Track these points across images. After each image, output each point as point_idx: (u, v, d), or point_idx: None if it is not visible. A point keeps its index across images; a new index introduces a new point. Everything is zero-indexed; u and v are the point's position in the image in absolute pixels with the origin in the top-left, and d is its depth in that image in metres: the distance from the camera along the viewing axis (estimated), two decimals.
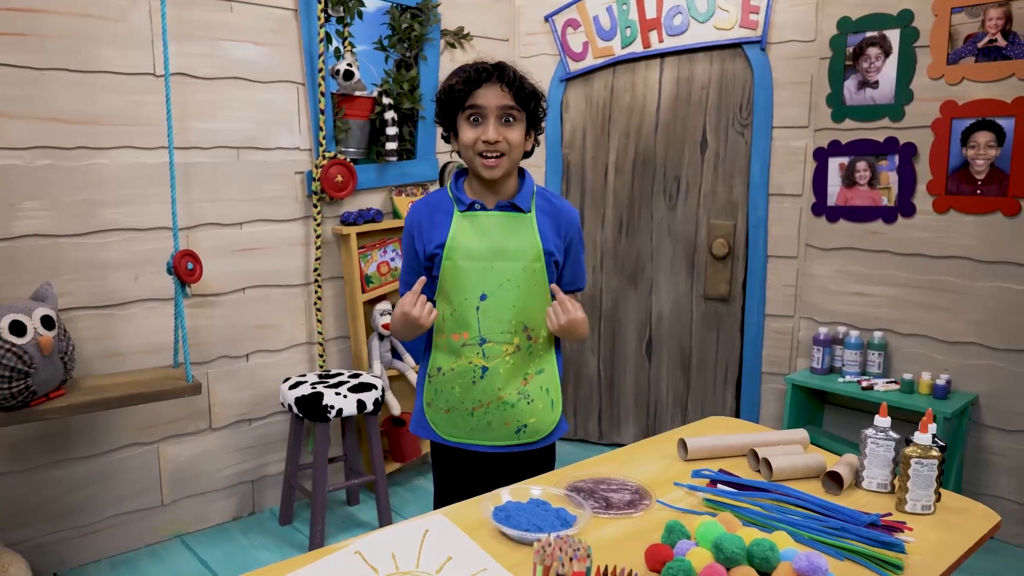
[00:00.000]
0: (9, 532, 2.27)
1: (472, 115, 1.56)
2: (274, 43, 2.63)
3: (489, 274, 1.59)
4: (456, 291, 1.60)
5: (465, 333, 1.60)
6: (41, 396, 2.01)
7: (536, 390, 1.65)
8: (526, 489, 1.32)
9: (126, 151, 2.37)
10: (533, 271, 1.61)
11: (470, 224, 1.60)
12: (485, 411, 1.63)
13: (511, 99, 1.55)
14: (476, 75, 1.54)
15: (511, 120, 1.56)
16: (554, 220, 1.65)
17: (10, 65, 2.15)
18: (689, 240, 3.24)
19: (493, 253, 1.59)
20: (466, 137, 1.56)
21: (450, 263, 1.59)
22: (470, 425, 1.65)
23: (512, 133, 1.56)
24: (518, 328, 1.61)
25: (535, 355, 1.65)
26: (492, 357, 1.61)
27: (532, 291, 1.61)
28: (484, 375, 1.61)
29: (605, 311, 3.41)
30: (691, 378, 3.32)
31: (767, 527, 1.26)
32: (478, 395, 1.62)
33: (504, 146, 1.55)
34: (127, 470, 2.50)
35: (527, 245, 1.60)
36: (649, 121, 3.22)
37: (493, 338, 1.60)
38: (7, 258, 2.20)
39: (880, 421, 1.42)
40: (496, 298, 1.59)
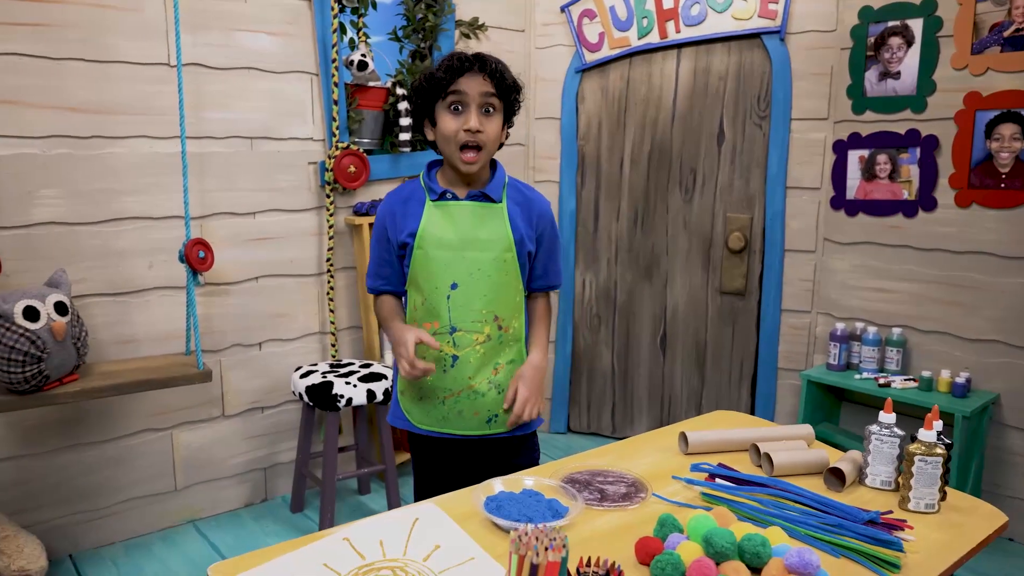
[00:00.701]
0: (25, 514, 2.32)
1: (453, 103, 1.55)
2: (288, 33, 2.64)
3: (460, 263, 1.59)
4: (427, 280, 1.60)
5: (436, 322, 1.60)
6: (54, 380, 2.05)
7: (506, 380, 1.65)
8: (519, 480, 1.31)
9: (141, 140, 2.39)
10: (504, 261, 1.61)
11: (441, 213, 1.60)
12: (456, 400, 1.63)
13: (492, 88, 1.55)
14: (459, 63, 1.54)
15: (491, 110, 1.56)
16: (525, 210, 1.65)
17: (28, 55, 2.18)
18: (705, 233, 3.20)
19: (464, 242, 1.59)
20: (447, 127, 1.55)
21: (421, 252, 1.60)
22: (441, 413, 1.65)
23: (491, 125, 1.57)
24: (488, 318, 1.62)
25: (506, 345, 1.65)
26: (462, 346, 1.61)
27: (503, 281, 1.62)
28: (455, 364, 1.61)
29: (620, 304, 3.39)
30: (706, 373, 3.29)
31: (763, 522, 1.24)
32: (448, 383, 1.63)
33: (484, 137, 1.55)
34: (141, 455, 2.54)
35: (498, 235, 1.61)
36: (665, 113, 3.19)
37: (464, 327, 1.60)
38: (24, 245, 2.24)
39: (885, 417, 1.39)
40: (467, 287, 1.60)
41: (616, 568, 0.93)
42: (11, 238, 2.22)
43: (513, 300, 1.65)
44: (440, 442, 1.69)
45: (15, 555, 2.11)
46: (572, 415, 3.55)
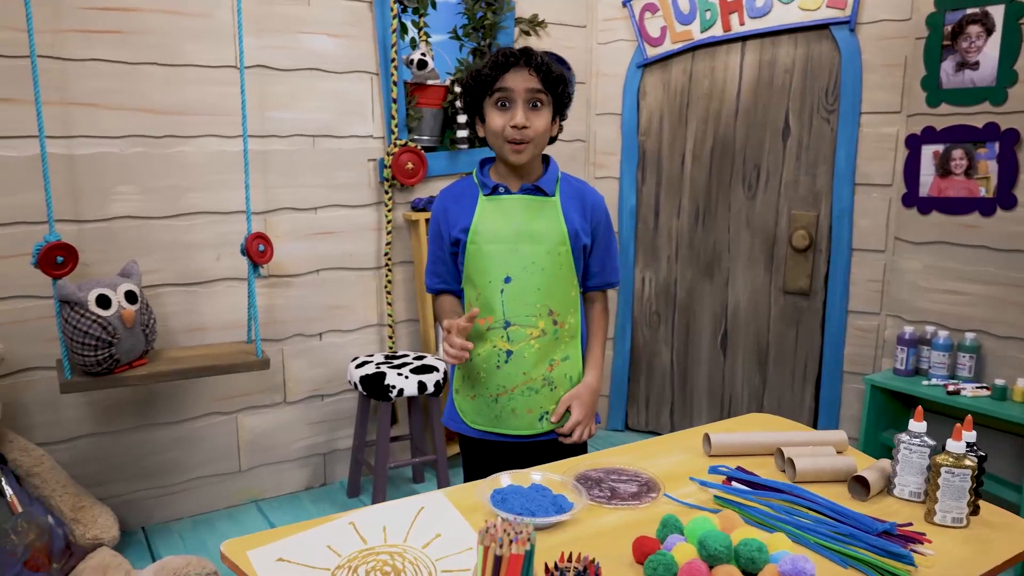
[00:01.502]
0: (102, 487, 2.50)
1: (500, 99, 1.56)
2: (349, 35, 2.73)
3: (513, 256, 1.59)
4: (480, 274, 1.61)
5: (490, 317, 1.61)
6: (124, 364, 2.20)
7: (560, 376, 1.64)
8: (527, 474, 1.33)
9: (210, 139, 2.53)
10: (558, 254, 1.61)
11: (494, 207, 1.61)
12: (509, 397, 1.63)
13: (538, 83, 1.55)
14: (504, 59, 1.55)
15: (538, 105, 1.56)
16: (579, 203, 1.64)
17: (108, 60, 2.34)
18: (768, 231, 3.11)
19: (517, 236, 1.59)
20: (494, 123, 1.57)
21: (474, 247, 1.61)
22: (494, 412, 1.65)
23: (539, 118, 1.57)
24: (543, 312, 1.61)
25: (561, 341, 1.64)
26: (517, 341, 1.61)
27: (557, 275, 1.61)
28: (509, 359, 1.61)
29: (679, 302, 3.34)
30: (768, 374, 3.20)
31: (771, 527, 1.22)
32: (502, 380, 1.62)
33: (531, 132, 1.55)
34: (208, 437, 2.69)
35: (552, 228, 1.61)
36: (729, 107, 3.12)
37: (518, 321, 1.60)
38: (103, 237, 2.41)
39: (915, 426, 1.34)
40: (520, 281, 1.59)
41: (595, 565, 0.94)
42: (92, 231, 2.39)
43: (568, 295, 1.65)
44: (491, 447, 1.68)
45: (90, 524, 2.28)
46: (630, 413, 3.53)
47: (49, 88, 2.25)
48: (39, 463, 2.26)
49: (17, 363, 2.31)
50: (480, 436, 1.68)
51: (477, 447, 1.71)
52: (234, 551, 1.12)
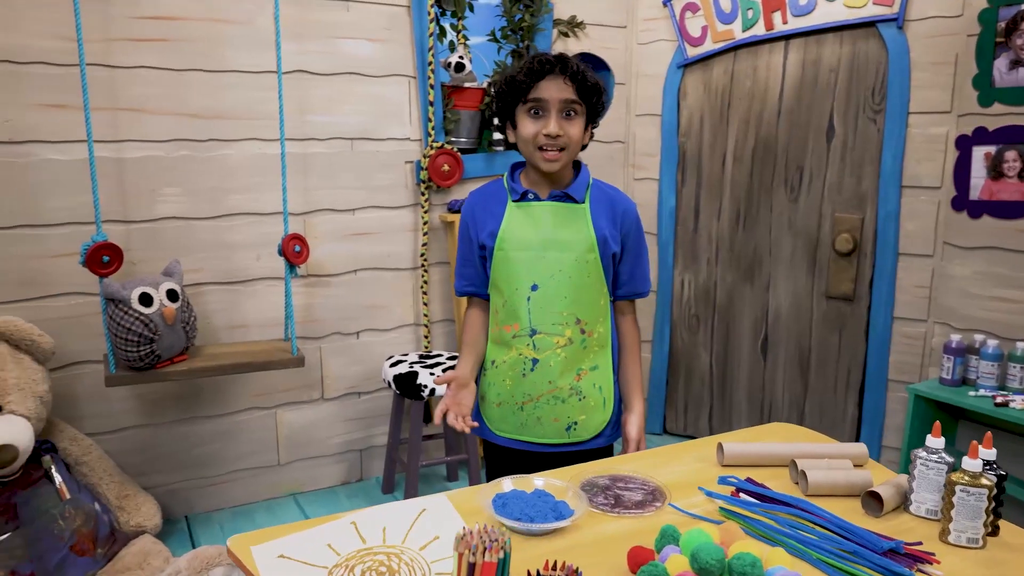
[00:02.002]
0: (146, 477, 2.60)
1: (533, 108, 1.54)
2: (387, 39, 2.77)
3: (541, 264, 1.58)
4: (507, 281, 1.60)
5: (516, 324, 1.60)
6: (165, 360, 2.29)
7: (589, 387, 1.63)
8: (530, 479, 1.34)
9: (251, 143, 2.61)
10: (586, 262, 1.59)
11: (523, 214, 1.60)
12: (535, 405, 1.61)
13: (573, 92, 1.52)
14: (539, 67, 1.52)
15: (572, 114, 1.54)
16: (609, 209, 1.62)
17: (154, 67, 2.44)
18: (811, 234, 3.04)
19: (545, 243, 1.58)
20: (526, 130, 1.55)
21: (502, 253, 1.60)
22: (520, 420, 1.63)
23: (572, 127, 1.54)
24: (570, 320, 1.59)
25: (589, 350, 1.63)
26: (543, 349, 1.59)
27: (585, 283, 1.60)
28: (535, 367, 1.60)
29: (719, 305, 3.29)
30: (809, 380, 3.13)
31: (773, 541, 1.20)
32: (528, 388, 1.61)
33: (564, 140, 1.53)
34: (248, 431, 2.77)
35: (580, 235, 1.59)
36: (771, 108, 3.06)
37: (544, 329, 1.59)
38: (149, 237, 2.51)
39: (932, 442, 1.30)
40: (547, 288, 1.58)
41: (577, 574, 0.94)
42: (139, 231, 2.49)
43: (596, 303, 1.63)
44: (516, 455, 1.66)
45: (133, 512, 2.39)
46: (668, 416, 3.49)
47: (99, 95, 2.36)
48: (88, 452, 2.37)
49: (69, 357, 2.43)
50: (506, 443, 1.68)
51: (502, 454, 1.70)
52: (239, 546, 1.16)
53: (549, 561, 0.96)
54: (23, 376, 2.10)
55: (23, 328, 2.12)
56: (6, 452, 1.98)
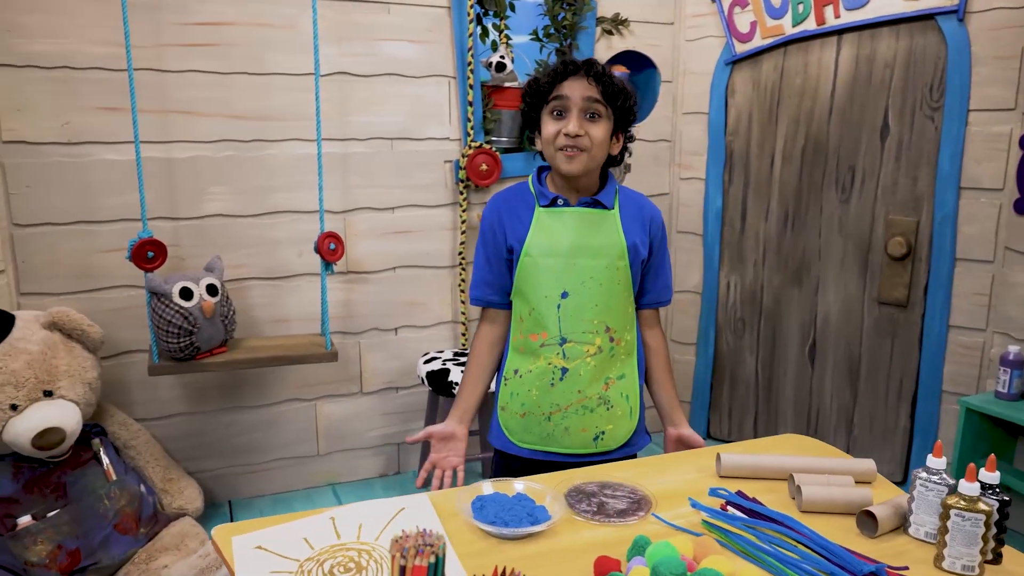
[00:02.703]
0: (192, 462, 2.73)
1: (555, 108, 1.52)
2: (428, 40, 2.81)
3: (571, 271, 1.56)
4: (535, 289, 1.57)
5: (544, 333, 1.57)
6: (205, 351, 2.39)
7: (616, 396, 1.62)
8: (511, 483, 1.34)
9: (294, 143, 2.69)
10: (617, 269, 1.58)
11: (552, 220, 1.57)
12: (563, 415, 1.59)
13: (597, 92, 1.50)
14: (563, 68, 1.51)
15: (596, 116, 1.52)
16: (638, 215, 1.61)
17: (202, 71, 2.55)
18: (863, 237, 2.92)
19: (575, 250, 1.56)
20: (547, 131, 1.52)
21: (529, 259, 1.57)
22: (546, 431, 1.60)
23: (596, 129, 1.51)
24: (600, 328, 1.58)
25: (617, 359, 1.61)
26: (573, 358, 1.57)
27: (615, 290, 1.58)
28: (564, 377, 1.57)
29: (766, 309, 3.20)
30: (859, 389, 3.01)
31: (753, 558, 1.17)
32: (556, 398, 1.59)
33: (586, 141, 1.50)
34: (289, 421, 2.87)
35: (611, 241, 1.57)
36: (822, 105, 2.94)
37: (574, 338, 1.56)
38: (197, 234, 2.63)
39: (933, 462, 1.23)
40: (578, 296, 1.56)
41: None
42: (187, 227, 2.61)
43: (625, 311, 1.62)
44: (538, 467, 1.59)
45: (176, 495, 2.51)
46: (712, 421, 3.42)
47: (150, 98, 2.48)
48: (136, 437, 2.50)
49: (120, 346, 2.57)
50: (528, 455, 1.64)
51: (524, 466, 1.63)
52: (221, 536, 1.21)
53: (499, 567, 0.97)
54: (73, 364, 2.24)
55: (74, 318, 2.25)
56: (54, 434, 2.11)
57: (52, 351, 2.21)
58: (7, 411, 2.10)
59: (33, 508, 2.15)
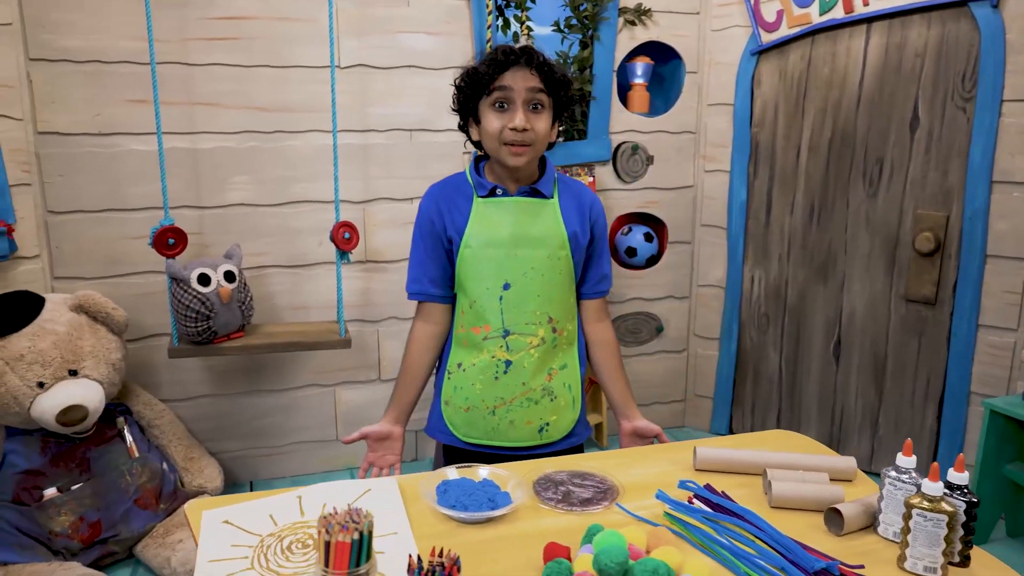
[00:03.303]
0: (215, 442, 2.83)
1: (498, 100, 1.51)
2: (446, 32, 2.83)
3: (512, 262, 1.55)
4: (477, 281, 1.57)
5: (487, 326, 1.57)
6: (222, 336, 2.47)
7: (559, 386, 1.62)
8: (476, 469, 1.36)
9: (314, 134, 2.75)
10: (558, 259, 1.58)
11: (491, 210, 1.58)
12: (508, 408, 1.59)
13: (540, 82, 1.49)
14: (504, 57, 1.49)
15: (539, 107, 1.52)
16: (577, 203, 1.61)
17: (225, 64, 2.62)
18: (890, 232, 2.83)
19: (515, 240, 1.56)
20: (491, 125, 1.51)
21: (470, 251, 1.57)
22: (491, 425, 1.60)
23: (539, 122, 1.51)
24: (543, 319, 1.58)
25: (559, 349, 1.62)
26: (516, 350, 1.57)
27: (557, 280, 1.58)
28: (508, 369, 1.57)
29: (790, 305, 3.14)
30: (885, 388, 2.93)
31: (707, 551, 1.16)
32: (500, 391, 1.58)
33: (531, 135, 1.50)
34: (308, 406, 2.94)
35: (551, 231, 1.57)
36: (850, 96, 2.86)
37: (517, 330, 1.56)
38: (220, 222, 2.71)
39: (903, 460, 1.21)
40: (520, 287, 1.55)
41: (455, 564, 0.96)
42: (211, 216, 2.70)
43: (567, 301, 1.62)
44: (485, 460, 1.56)
45: (197, 474, 2.60)
46: (735, 417, 3.38)
47: (177, 90, 2.57)
48: (160, 416, 2.61)
49: (147, 329, 2.68)
50: (473, 449, 1.63)
51: (469, 459, 1.59)
52: (193, 510, 1.26)
53: (436, 548, 0.99)
54: (98, 345, 2.34)
55: (99, 302, 2.35)
56: (77, 411, 2.21)
57: (78, 332, 2.32)
58: (34, 388, 2.21)
59: (58, 481, 2.26)
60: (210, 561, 1.11)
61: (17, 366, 2.20)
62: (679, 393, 3.46)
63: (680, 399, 3.47)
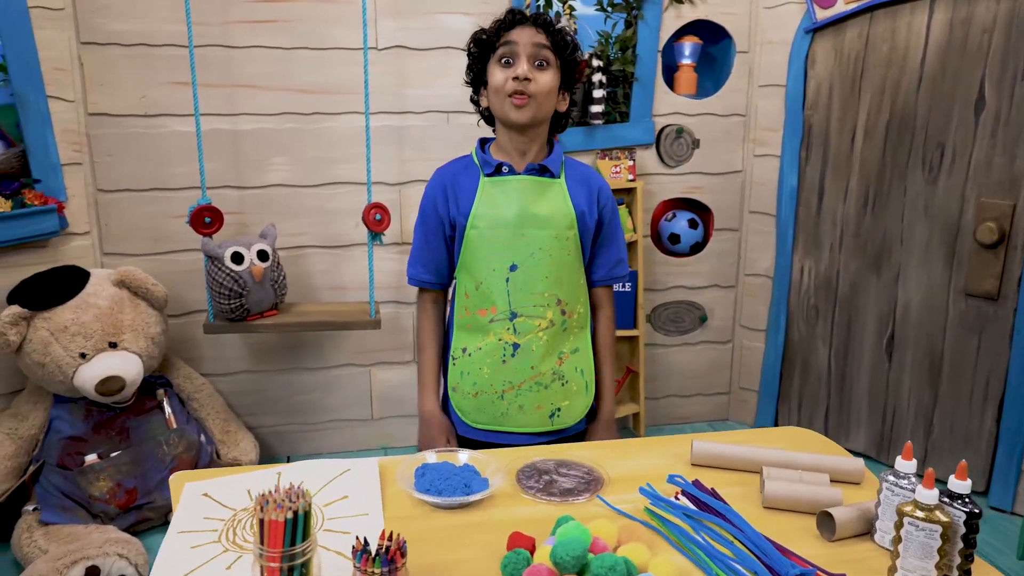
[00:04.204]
0: (254, 417, 2.90)
1: (503, 56, 1.50)
2: (484, 12, 2.77)
3: (519, 242, 1.52)
4: (482, 262, 1.54)
5: (493, 308, 1.54)
6: (255, 313, 2.53)
7: (571, 370, 1.58)
8: (457, 453, 1.34)
9: (351, 116, 2.77)
10: (566, 239, 1.54)
11: (497, 189, 1.55)
12: (516, 393, 1.56)
13: (545, 39, 1.48)
14: (511, 16, 1.51)
15: (544, 64, 1.49)
16: (585, 185, 1.57)
17: (266, 47, 2.66)
18: (950, 221, 2.65)
19: (523, 220, 1.53)
20: (496, 79, 1.50)
21: (476, 232, 1.54)
22: (500, 410, 1.57)
23: (544, 75, 1.49)
24: (551, 301, 1.54)
25: (570, 332, 1.58)
26: (524, 333, 1.54)
27: (565, 261, 1.55)
28: (516, 353, 1.54)
29: (841, 297, 2.98)
30: (940, 388, 2.76)
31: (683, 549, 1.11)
32: (509, 375, 1.55)
33: (534, 87, 1.48)
34: (345, 385, 2.99)
35: (559, 211, 1.54)
36: (911, 76, 2.69)
37: (525, 312, 1.53)
38: (260, 202, 2.77)
39: (902, 465, 1.12)
40: (527, 268, 1.52)
41: (401, 548, 0.94)
42: (251, 196, 2.76)
43: (577, 282, 1.58)
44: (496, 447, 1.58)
45: (232, 447, 2.68)
46: (781, 411, 3.25)
47: (219, 73, 2.63)
48: (200, 390, 2.70)
49: (190, 305, 2.77)
50: (483, 437, 1.61)
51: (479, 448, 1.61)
52: (177, 482, 1.29)
53: (386, 532, 0.97)
54: (138, 319, 2.43)
55: (139, 278, 2.44)
56: (114, 382, 2.30)
57: (119, 306, 2.41)
58: (77, 359, 2.31)
59: (99, 448, 2.37)
60: (180, 532, 1.13)
61: (61, 337, 2.30)
62: (723, 385, 3.35)
63: (724, 391, 3.36)
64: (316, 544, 0.93)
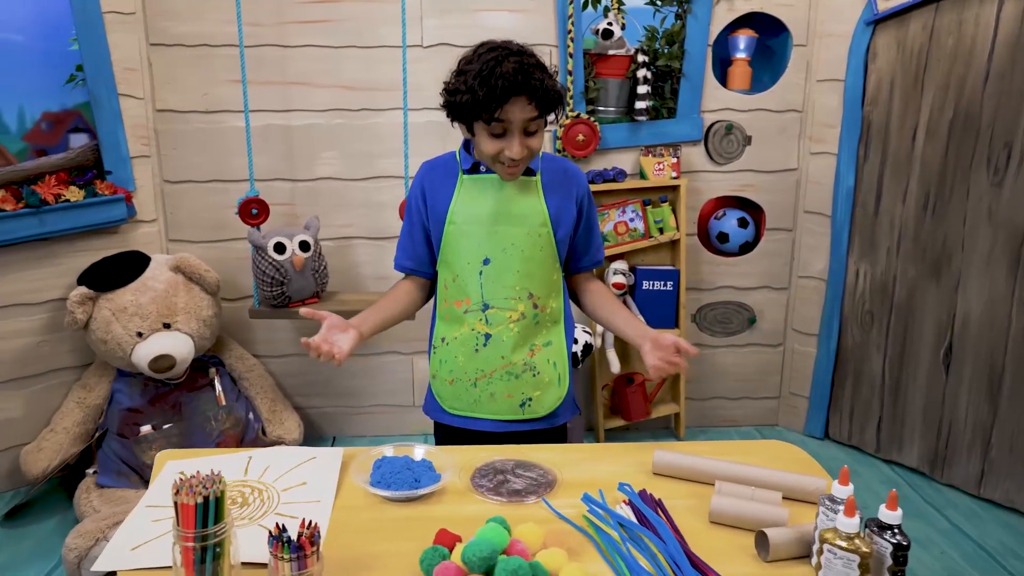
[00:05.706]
0: (301, 398, 3.06)
1: (494, 130, 1.48)
2: (528, 9, 2.82)
3: (493, 238, 1.58)
4: (458, 256, 1.60)
5: (467, 299, 1.60)
6: (296, 301, 2.67)
7: (543, 362, 1.62)
8: (413, 447, 1.39)
9: (396, 112, 2.85)
10: (539, 236, 1.58)
11: (475, 187, 1.59)
12: (488, 381, 1.61)
13: (536, 111, 1.47)
14: (503, 89, 1.42)
15: (535, 130, 1.51)
16: (563, 182, 1.61)
17: (317, 45, 2.78)
18: (1016, 227, 2.47)
19: (497, 217, 1.57)
20: (487, 147, 1.50)
21: (453, 227, 1.60)
22: (473, 397, 1.63)
23: (535, 141, 1.51)
24: (523, 295, 1.59)
25: (542, 326, 1.62)
26: (496, 324, 1.60)
27: (538, 257, 1.59)
28: (487, 343, 1.60)
29: (897, 303, 2.83)
30: (1000, 404, 2.58)
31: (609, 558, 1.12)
32: (481, 364, 1.61)
33: (528, 156, 1.51)
34: (388, 372, 3.10)
35: (533, 209, 1.57)
36: (977, 71, 2.51)
37: (496, 304, 1.59)
38: (310, 194, 2.90)
39: (838, 489, 1.09)
40: (499, 263, 1.58)
41: (313, 538, 1.00)
42: (302, 188, 2.90)
43: (549, 278, 1.62)
44: (468, 435, 1.64)
45: (276, 425, 2.84)
46: (832, 421, 3.12)
47: (273, 71, 2.78)
48: (251, 370, 2.87)
49: (245, 290, 2.94)
50: (459, 424, 1.67)
51: (455, 435, 1.68)
52: (162, 459, 1.40)
53: (305, 520, 1.04)
54: (191, 302, 2.61)
55: (194, 264, 2.62)
56: (165, 360, 2.49)
57: (174, 290, 2.60)
58: (134, 337, 2.51)
59: (153, 419, 2.57)
60: (147, 506, 1.24)
61: (121, 317, 2.51)
62: (772, 390, 3.25)
63: (774, 396, 3.26)
64: (232, 527, 1.00)
